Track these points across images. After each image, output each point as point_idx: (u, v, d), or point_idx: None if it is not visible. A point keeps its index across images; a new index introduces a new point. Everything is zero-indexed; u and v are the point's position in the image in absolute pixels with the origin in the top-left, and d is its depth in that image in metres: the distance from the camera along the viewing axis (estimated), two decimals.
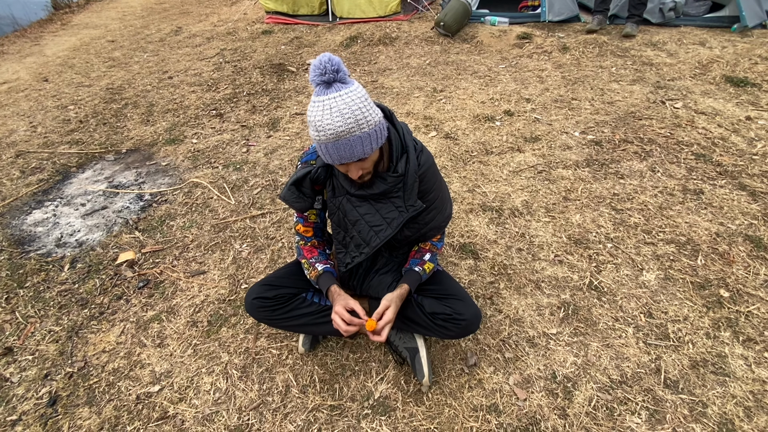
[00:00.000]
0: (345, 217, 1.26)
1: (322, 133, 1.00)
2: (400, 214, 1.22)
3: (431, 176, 1.27)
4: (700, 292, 1.66)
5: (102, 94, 3.84)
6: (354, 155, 1.03)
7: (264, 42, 4.72)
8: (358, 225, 1.25)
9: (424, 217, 1.28)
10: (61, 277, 1.96)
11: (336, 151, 1.01)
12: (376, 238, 1.24)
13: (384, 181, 1.17)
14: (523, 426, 1.29)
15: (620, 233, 1.95)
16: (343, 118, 0.98)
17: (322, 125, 0.99)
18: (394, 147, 1.17)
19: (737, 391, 1.35)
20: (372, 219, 1.23)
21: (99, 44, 5.30)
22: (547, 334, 1.54)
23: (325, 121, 0.98)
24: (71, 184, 2.63)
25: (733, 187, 2.17)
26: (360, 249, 1.28)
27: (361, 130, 1.00)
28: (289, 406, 1.38)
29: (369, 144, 1.03)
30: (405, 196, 1.21)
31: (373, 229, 1.24)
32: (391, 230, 1.22)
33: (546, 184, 2.28)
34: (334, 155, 1.03)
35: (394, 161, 1.18)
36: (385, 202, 1.22)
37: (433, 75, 3.66)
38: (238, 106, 3.41)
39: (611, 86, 3.22)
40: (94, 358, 1.59)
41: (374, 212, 1.23)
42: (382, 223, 1.23)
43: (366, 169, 1.10)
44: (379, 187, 1.18)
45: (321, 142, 1.02)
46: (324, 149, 1.03)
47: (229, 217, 2.23)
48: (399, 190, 1.20)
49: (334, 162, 1.05)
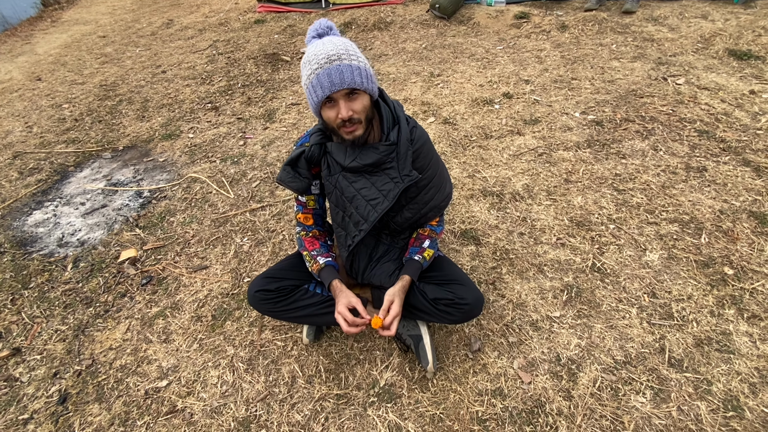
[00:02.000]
0: (342, 194, 1.26)
1: (314, 62, 1.05)
2: (395, 185, 1.22)
3: (427, 153, 1.27)
4: (704, 271, 1.65)
5: (96, 92, 3.80)
6: (344, 81, 1.04)
7: (257, 32, 4.65)
8: (355, 201, 1.25)
9: (423, 196, 1.28)
10: (65, 276, 1.96)
11: (327, 77, 1.04)
12: (373, 212, 1.23)
13: (376, 150, 1.18)
14: (528, 409, 1.30)
15: (623, 214, 1.93)
16: (334, 46, 1.06)
17: (314, 54, 1.05)
18: (385, 118, 1.19)
19: (742, 368, 1.35)
20: (368, 193, 1.23)
21: (90, 40, 5.23)
22: (550, 318, 1.54)
23: (318, 50, 1.06)
24: (70, 184, 2.62)
25: (737, 163, 2.14)
26: (359, 226, 1.27)
27: (350, 59, 1.06)
28: (296, 396, 1.39)
29: (359, 76, 1.06)
30: (399, 166, 1.21)
31: (369, 203, 1.24)
32: (388, 202, 1.22)
33: (547, 167, 2.26)
34: (325, 83, 1.04)
35: (386, 132, 1.19)
36: (380, 174, 1.22)
37: (429, 59, 3.60)
38: (234, 99, 3.37)
39: (612, 64, 3.15)
40: (102, 355, 1.60)
41: (370, 186, 1.23)
42: (378, 196, 1.23)
43: (356, 112, 1.09)
44: (371, 157, 1.18)
45: (313, 72, 1.05)
46: (316, 81, 1.05)
47: (228, 211, 2.23)
48: (392, 161, 1.20)
49: (325, 92, 1.05)
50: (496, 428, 1.26)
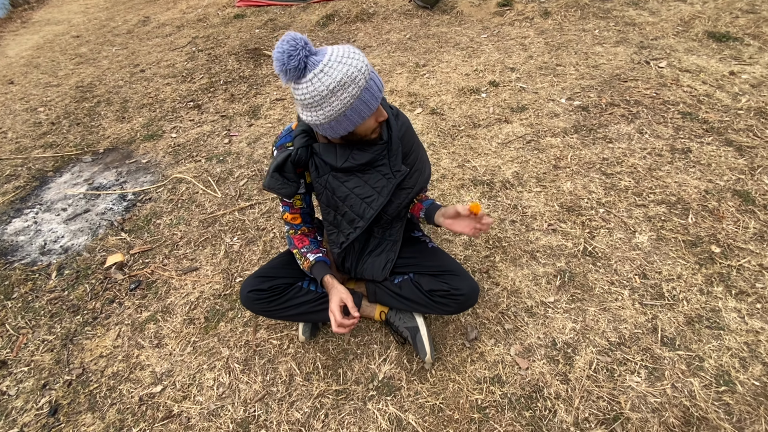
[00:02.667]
0: (334, 194, 1.23)
1: (359, 78, 0.97)
2: (388, 181, 1.21)
3: (410, 137, 1.27)
4: (692, 250, 1.68)
5: (72, 93, 3.68)
6: (381, 84, 1.03)
7: (237, 27, 4.54)
8: (349, 200, 1.23)
9: (408, 180, 1.28)
10: (49, 285, 1.91)
11: (375, 84, 1.00)
12: (369, 210, 1.22)
13: (370, 149, 1.16)
14: (527, 394, 1.31)
15: (611, 197, 1.95)
16: (358, 53, 0.99)
17: (350, 71, 0.96)
18: None
19: (732, 343, 1.38)
20: (362, 191, 1.21)
21: (64, 41, 5.06)
22: (544, 303, 1.55)
23: (353, 63, 0.96)
24: (50, 190, 2.54)
25: (720, 143, 2.17)
26: (354, 224, 1.26)
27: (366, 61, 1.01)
28: (295, 394, 1.38)
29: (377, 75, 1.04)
30: (390, 163, 1.20)
31: (364, 201, 1.22)
32: (383, 198, 1.21)
33: (535, 154, 2.26)
34: (375, 91, 1.01)
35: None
36: (372, 172, 1.20)
37: (414, 50, 3.56)
38: (216, 96, 3.30)
39: (595, 49, 3.17)
40: (92, 363, 1.56)
41: (363, 184, 1.21)
42: (372, 194, 1.21)
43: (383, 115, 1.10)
44: (365, 156, 1.16)
45: (359, 87, 0.98)
46: (368, 95, 1.00)
47: (216, 211, 2.18)
48: (384, 158, 1.19)
49: (378, 100, 1.02)
50: (496, 415, 1.27)
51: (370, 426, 1.28)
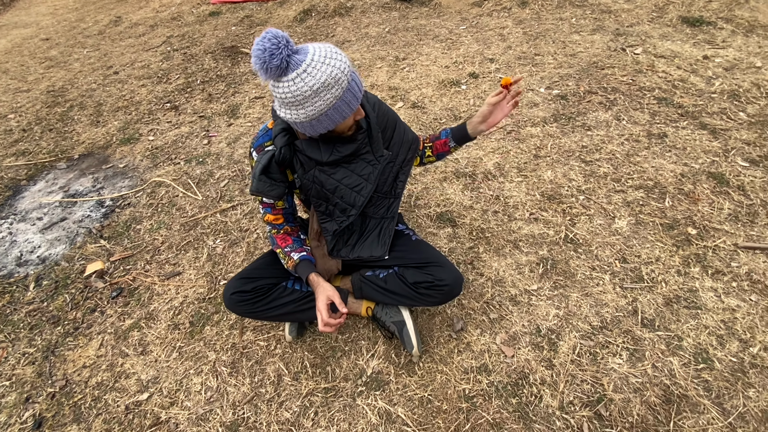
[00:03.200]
0: (323, 187, 1.24)
1: (342, 79, 0.97)
2: (374, 168, 1.23)
3: (384, 113, 1.29)
4: (670, 233, 1.72)
5: (43, 98, 3.56)
6: (361, 84, 1.05)
7: (213, 24, 4.45)
8: (339, 191, 1.24)
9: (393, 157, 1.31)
10: (28, 296, 1.86)
11: (357, 84, 1.01)
12: (359, 197, 1.25)
13: (354, 140, 1.17)
14: (513, 381, 1.33)
15: (591, 184, 1.98)
16: (340, 54, 0.98)
17: (334, 72, 0.95)
18: None
19: (709, 321, 1.42)
20: (350, 181, 1.23)
21: (32, 44, 4.88)
22: (528, 291, 1.58)
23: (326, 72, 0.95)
24: (24, 199, 2.47)
25: (695, 127, 2.22)
26: (347, 213, 1.28)
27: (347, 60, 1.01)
28: (283, 394, 1.38)
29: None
30: (373, 149, 1.22)
31: (354, 190, 1.24)
32: (371, 185, 1.24)
33: (516, 144, 2.28)
34: (356, 91, 1.02)
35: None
36: (357, 161, 1.22)
37: (393, 43, 3.54)
38: (193, 96, 3.24)
39: (572, 38, 3.19)
40: (75, 374, 1.53)
41: (350, 174, 1.23)
42: (360, 182, 1.23)
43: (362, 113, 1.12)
44: (350, 148, 1.17)
45: (342, 88, 0.98)
46: (349, 96, 1.00)
47: (198, 214, 2.15)
48: (366, 146, 1.21)
49: (358, 100, 1.03)
50: (484, 403, 1.29)
51: (360, 421, 1.29)
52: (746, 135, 2.12)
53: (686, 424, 1.20)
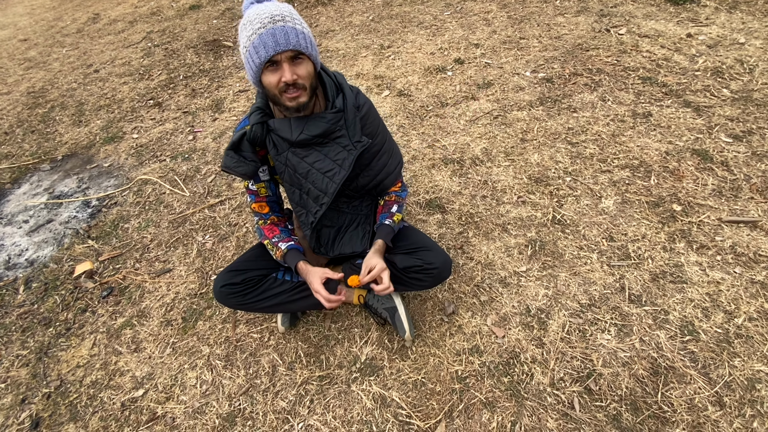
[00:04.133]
0: (295, 171, 1.22)
1: (256, 22, 0.99)
2: (348, 153, 1.19)
3: (374, 118, 1.26)
4: (655, 210, 1.74)
5: (24, 100, 3.49)
6: (289, 42, 0.99)
7: (193, 18, 4.37)
8: (311, 176, 1.22)
9: (377, 163, 1.27)
10: (18, 299, 1.84)
11: (271, 37, 0.98)
12: (332, 184, 1.21)
13: (323, 119, 1.15)
14: (505, 361, 1.35)
15: (577, 166, 1.99)
16: (278, 7, 1.01)
17: (256, 14, 1.00)
18: (328, 87, 1.16)
19: (695, 295, 1.45)
20: (322, 165, 1.20)
21: (10, 45, 4.77)
22: (517, 273, 1.59)
23: (260, 10, 1.00)
24: (8, 202, 2.43)
25: (679, 105, 2.23)
26: (319, 201, 1.25)
27: (294, 22, 1.01)
28: (279, 384, 1.39)
29: (305, 39, 1.03)
30: (349, 134, 1.19)
31: (326, 176, 1.21)
32: (345, 171, 1.19)
33: (503, 129, 2.28)
34: (269, 43, 0.98)
35: (331, 100, 1.16)
36: (331, 144, 1.19)
37: (378, 31, 3.51)
38: (177, 92, 3.19)
39: (557, 20, 3.18)
40: (70, 374, 1.53)
41: (323, 158, 1.20)
42: (333, 167, 1.20)
43: (301, 76, 1.04)
44: (320, 127, 1.14)
45: (255, 33, 0.99)
46: (258, 41, 0.99)
47: (186, 210, 2.13)
48: (341, 129, 1.17)
49: (269, 52, 0.99)
50: (476, 383, 1.31)
51: (355, 407, 1.30)
52: (729, 111, 2.14)
53: (674, 395, 1.23)
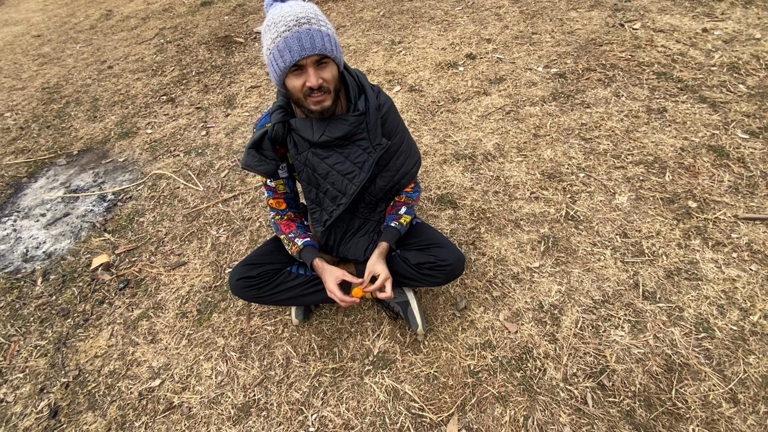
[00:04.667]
0: (314, 172, 1.22)
1: (281, 24, 0.97)
2: (369, 155, 1.19)
3: (393, 117, 1.25)
4: (670, 207, 1.73)
5: (39, 96, 3.55)
6: (315, 46, 0.98)
7: (205, 15, 4.39)
8: (330, 176, 1.22)
9: (395, 162, 1.27)
10: (36, 291, 1.88)
11: (297, 41, 0.97)
12: (351, 186, 1.21)
13: (346, 121, 1.14)
14: (517, 356, 1.35)
15: (591, 162, 1.98)
16: (303, 9, 0.99)
17: (281, 15, 0.98)
18: (351, 88, 1.15)
19: (710, 292, 1.44)
20: (342, 167, 1.20)
21: (24, 41, 4.84)
22: (530, 269, 1.59)
23: (284, 12, 0.99)
24: (26, 196, 2.48)
25: (695, 101, 2.20)
26: (337, 201, 1.25)
27: (320, 25, 1.00)
28: (293, 376, 1.41)
29: (330, 42, 1.01)
30: (370, 136, 1.17)
31: (346, 177, 1.21)
32: (365, 173, 1.19)
33: (515, 124, 2.27)
34: (294, 47, 0.97)
35: (353, 102, 1.15)
36: (352, 146, 1.18)
37: (389, 27, 3.50)
38: (189, 88, 3.22)
39: (570, 15, 3.15)
40: (88, 364, 1.57)
41: (343, 160, 1.19)
42: (354, 169, 1.20)
43: (326, 80, 1.04)
44: (341, 129, 1.14)
45: (281, 35, 0.97)
46: (284, 45, 0.97)
47: (200, 205, 2.16)
48: (363, 131, 1.17)
49: (294, 57, 0.98)
50: (489, 378, 1.31)
51: (368, 399, 1.32)
52: (746, 107, 2.10)
53: (688, 391, 1.22)
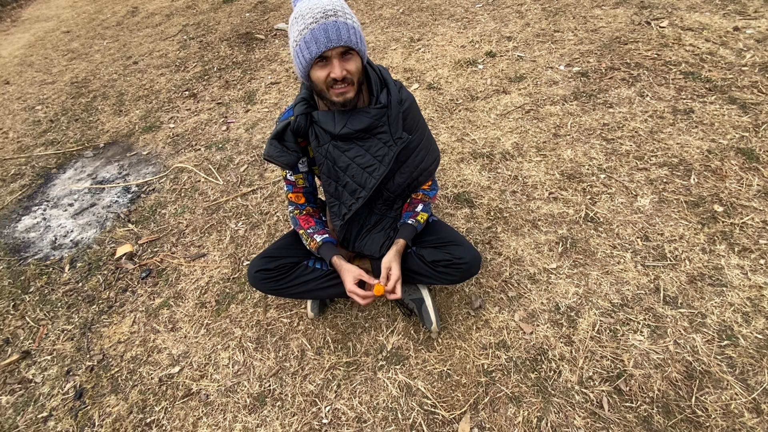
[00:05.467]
0: (334, 164, 1.23)
1: (308, 16, 0.99)
2: (389, 149, 1.20)
3: (415, 113, 1.25)
4: (695, 210, 1.68)
5: (68, 90, 3.67)
6: (341, 38, 0.99)
7: (227, 12, 4.47)
8: (350, 170, 1.23)
9: (414, 158, 1.27)
10: (63, 278, 1.96)
11: (323, 32, 0.98)
12: (371, 179, 1.22)
13: (368, 114, 1.15)
14: (532, 357, 1.34)
15: (612, 163, 1.94)
16: (330, 1, 1.01)
17: (309, 7, 1.00)
18: (373, 81, 1.16)
19: (735, 299, 1.40)
20: (363, 160, 1.21)
21: (54, 37, 5.01)
22: (547, 270, 1.57)
23: (312, 4, 1.00)
24: (55, 186, 2.57)
25: (724, 101, 2.13)
26: (356, 195, 1.26)
27: (346, 17, 1.01)
28: (307, 368, 1.43)
29: (355, 35, 1.02)
30: (391, 130, 1.18)
31: (366, 171, 1.22)
32: (385, 167, 1.20)
33: (535, 123, 2.24)
34: (321, 38, 0.98)
35: (375, 95, 1.16)
36: (372, 140, 1.19)
37: (408, 24, 3.49)
38: (211, 84, 3.28)
39: (594, 12, 3.08)
40: (111, 349, 1.62)
41: (364, 153, 1.20)
42: (374, 163, 1.21)
43: (350, 72, 1.06)
44: (363, 122, 1.15)
45: (308, 27, 0.99)
46: (310, 36, 0.99)
47: (219, 198, 2.21)
48: (384, 124, 1.17)
49: (320, 48, 0.99)
50: (502, 378, 1.31)
51: (381, 394, 1.33)
52: None
53: (709, 400, 1.19)
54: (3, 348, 1.70)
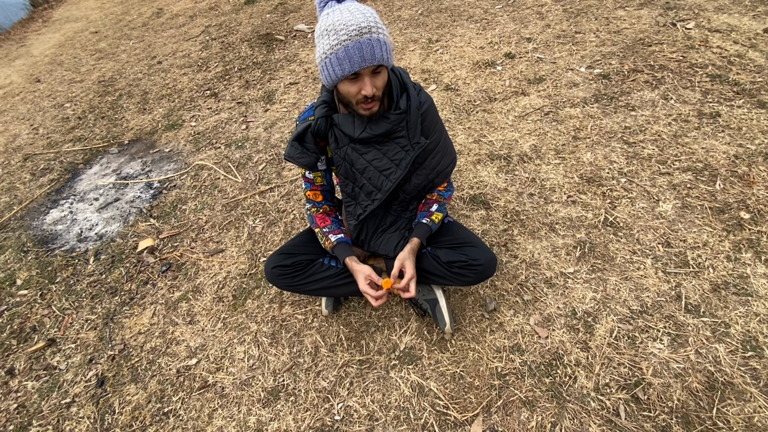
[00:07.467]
0: (352, 166, 1.25)
1: (343, 33, 0.98)
2: (407, 153, 1.21)
3: (432, 116, 1.25)
4: (720, 217, 1.63)
5: (95, 88, 3.80)
6: (374, 57, 1.00)
7: (248, 13, 4.55)
8: (367, 172, 1.24)
9: (431, 161, 1.27)
10: (88, 269, 2.03)
11: (358, 51, 0.98)
12: (387, 182, 1.24)
13: (387, 119, 1.16)
14: (547, 361, 1.33)
15: (634, 167, 1.90)
16: (365, 16, 1.00)
17: (343, 23, 0.98)
18: (394, 86, 1.17)
19: (761, 309, 1.35)
20: (380, 163, 1.22)
21: (83, 37, 5.19)
22: (564, 274, 1.55)
23: (346, 18, 0.99)
24: (81, 181, 2.67)
25: (752, 105, 2.07)
26: (372, 196, 1.28)
27: (379, 33, 1.01)
28: (320, 364, 1.45)
29: (386, 51, 1.03)
30: (409, 135, 1.19)
31: (383, 174, 1.23)
32: (401, 171, 1.22)
33: (554, 126, 2.21)
34: (355, 57, 0.99)
35: (395, 100, 1.17)
36: (390, 144, 1.21)
37: (426, 25, 3.49)
38: (232, 83, 3.35)
39: (617, 13, 3.03)
40: (132, 340, 1.67)
41: (381, 156, 1.22)
42: (390, 166, 1.22)
43: (378, 88, 1.08)
44: (382, 127, 1.16)
45: (341, 43, 0.98)
46: (344, 54, 0.99)
47: (238, 195, 2.25)
48: (402, 129, 1.19)
49: (354, 67, 1.00)
50: (516, 381, 1.30)
51: (393, 393, 1.33)
52: None
53: (731, 411, 1.16)
54: (30, 335, 1.77)
